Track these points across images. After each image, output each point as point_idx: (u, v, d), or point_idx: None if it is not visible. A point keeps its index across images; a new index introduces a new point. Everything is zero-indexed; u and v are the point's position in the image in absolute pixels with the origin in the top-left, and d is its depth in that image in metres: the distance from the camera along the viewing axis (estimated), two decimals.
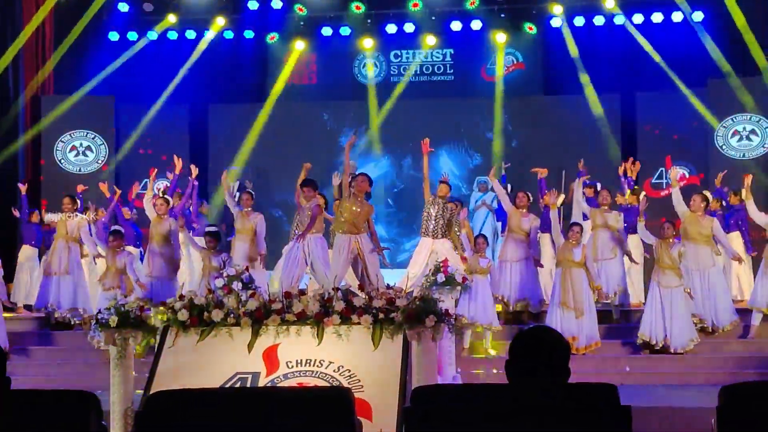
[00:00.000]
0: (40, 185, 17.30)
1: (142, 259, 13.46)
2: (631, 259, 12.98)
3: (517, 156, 17.47)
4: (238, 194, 13.72)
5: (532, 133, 17.78)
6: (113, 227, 13.11)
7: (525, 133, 17.89)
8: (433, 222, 12.69)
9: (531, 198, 13.22)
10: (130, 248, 13.37)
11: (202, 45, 18.35)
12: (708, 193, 13.35)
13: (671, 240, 11.62)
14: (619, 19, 17.81)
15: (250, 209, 13.01)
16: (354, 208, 11.10)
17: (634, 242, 13.16)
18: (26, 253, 14.75)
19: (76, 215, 13.45)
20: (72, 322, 13.11)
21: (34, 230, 14.72)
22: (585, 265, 11.63)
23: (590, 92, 17.70)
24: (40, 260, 14.51)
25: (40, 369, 11.92)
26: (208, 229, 13.00)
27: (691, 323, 11.55)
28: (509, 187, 15.24)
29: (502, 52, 18.20)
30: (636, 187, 14.65)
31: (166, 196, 13.64)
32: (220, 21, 18.38)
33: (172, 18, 18.36)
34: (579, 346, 11.40)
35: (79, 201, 13.88)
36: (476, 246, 12.19)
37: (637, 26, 17.73)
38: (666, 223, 11.79)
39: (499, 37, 18.04)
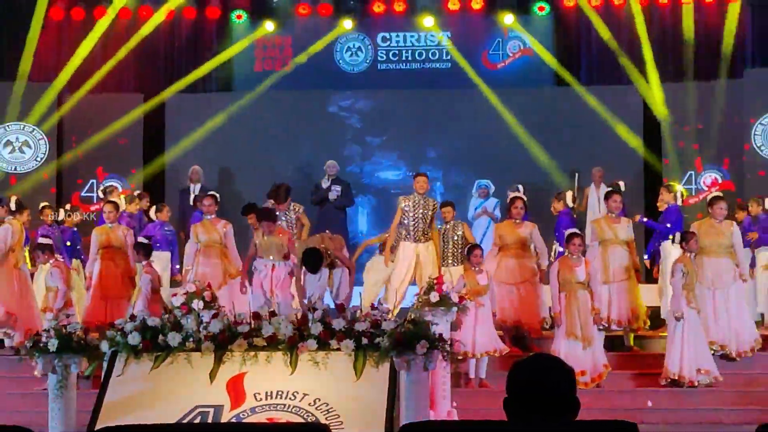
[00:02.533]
0: None
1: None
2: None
3: (523, 156, 17.54)
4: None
5: (541, 130, 17.78)
6: (39, 239, 12.92)
7: (532, 129, 17.87)
8: (411, 220, 12.66)
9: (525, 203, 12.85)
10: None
11: (159, 24, 18.31)
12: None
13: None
14: None
15: (214, 216, 12.97)
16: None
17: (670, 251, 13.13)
18: None
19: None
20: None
21: None
22: (588, 285, 11.43)
23: (608, 83, 17.84)
24: None
25: None
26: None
27: (707, 351, 11.39)
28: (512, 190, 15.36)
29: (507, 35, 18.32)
30: (672, 183, 14.65)
31: (114, 199, 13.62)
32: None
33: None
34: (587, 380, 11.15)
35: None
36: (471, 259, 11.85)
37: (663, 6, 17.83)
38: (694, 236, 11.71)
39: (506, 19, 18.10)
